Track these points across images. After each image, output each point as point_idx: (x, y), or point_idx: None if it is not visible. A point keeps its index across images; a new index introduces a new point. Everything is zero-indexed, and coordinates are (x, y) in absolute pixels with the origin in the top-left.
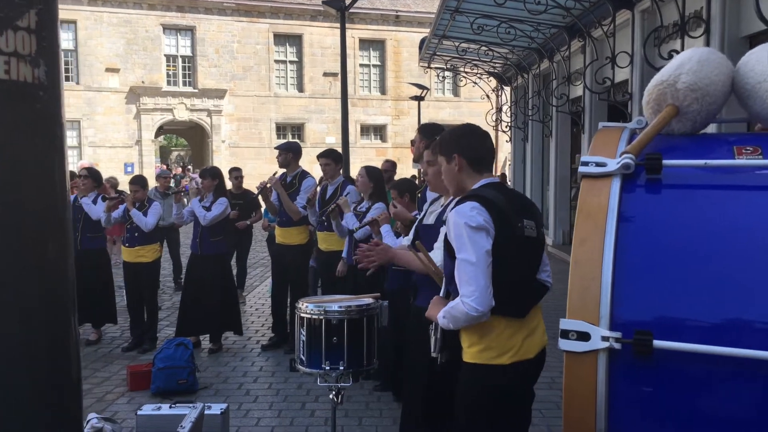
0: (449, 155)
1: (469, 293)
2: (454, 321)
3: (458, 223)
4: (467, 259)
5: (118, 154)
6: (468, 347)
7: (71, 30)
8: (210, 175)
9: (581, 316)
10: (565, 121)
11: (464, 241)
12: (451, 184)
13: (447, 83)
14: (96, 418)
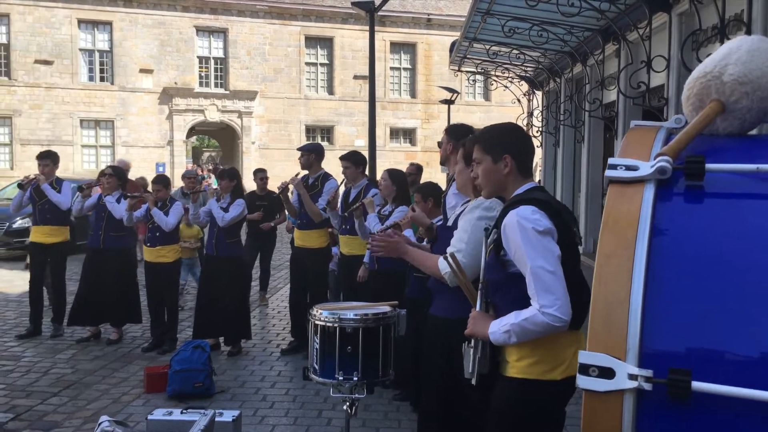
0: (498, 155)
1: (551, 302)
2: (525, 334)
3: (525, 228)
4: (543, 266)
5: (151, 154)
6: (516, 360)
7: (107, 31)
8: (228, 176)
9: (604, 347)
10: (598, 127)
11: (535, 247)
12: (490, 186)
13: (478, 87)
14: (107, 422)
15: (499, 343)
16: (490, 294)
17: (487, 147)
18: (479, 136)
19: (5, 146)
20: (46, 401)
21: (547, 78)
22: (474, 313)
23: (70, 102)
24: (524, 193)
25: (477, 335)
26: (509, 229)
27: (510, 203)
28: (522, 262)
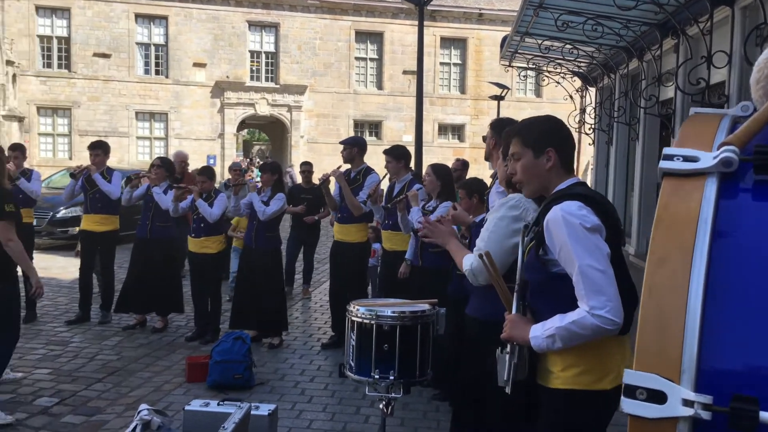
0: (540, 149)
1: (602, 304)
2: (572, 339)
3: (572, 224)
4: (593, 265)
5: (202, 146)
6: (561, 370)
7: (163, 25)
8: (269, 170)
9: (655, 366)
10: (654, 124)
11: (584, 245)
12: (533, 182)
13: (529, 83)
14: (146, 410)
15: (542, 349)
16: (529, 296)
17: (528, 140)
18: (518, 129)
19: (65, 137)
20: (90, 387)
21: (600, 74)
22: (511, 316)
23: (126, 94)
24: (567, 188)
25: (515, 340)
26: (553, 226)
27: (552, 198)
28: (568, 261)
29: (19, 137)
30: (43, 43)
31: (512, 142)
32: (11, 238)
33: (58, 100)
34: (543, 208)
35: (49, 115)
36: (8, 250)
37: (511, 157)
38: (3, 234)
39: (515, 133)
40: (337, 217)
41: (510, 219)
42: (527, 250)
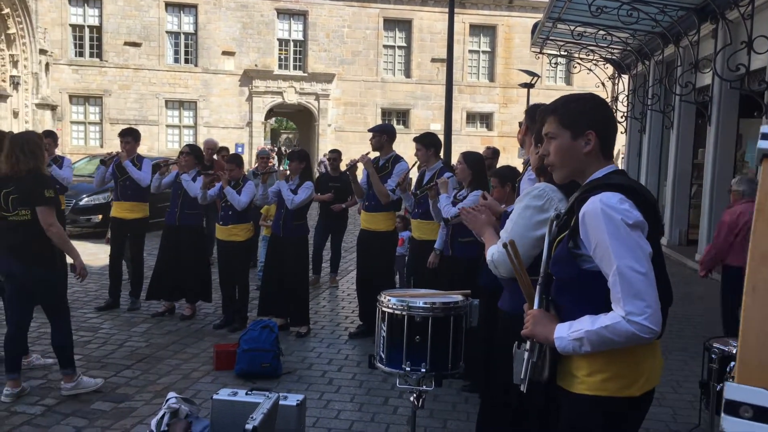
0: (579, 130)
1: (640, 310)
2: (602, 344)
3: (612, 219)
4: (633, 266)
5: (230, 134)
6: (587, 375)
7: (192, 14)
8: (297, 158)
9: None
10: (689, 112)
11: (624, 243)
12: (567, 166)
13: (559, 71)
14: (174, 399)
15: (566, 351)
16: (556, 293)
17: (567, 120)
18: (556, 106)
19: (96, 125)
20: (119, 373)
21: (634, 60)
22: (534, 312)
23: (156, 83)
24: (604, 177)
25: (537, 337)
26: (591, 219)
27: (588, 188)
28: (605, 260)
29: (52, 125)
30: (76, 32)
31: (548, 120)
32: (52, 223)
33: (90, 89)
34: (578, 198)
35: (81, 104)
36: (50, 235)
37: (545, 136)
38: (44, 219)
39: (552, 111)
40: (365, 206)
41: (534, 209)
42: (556, 242)
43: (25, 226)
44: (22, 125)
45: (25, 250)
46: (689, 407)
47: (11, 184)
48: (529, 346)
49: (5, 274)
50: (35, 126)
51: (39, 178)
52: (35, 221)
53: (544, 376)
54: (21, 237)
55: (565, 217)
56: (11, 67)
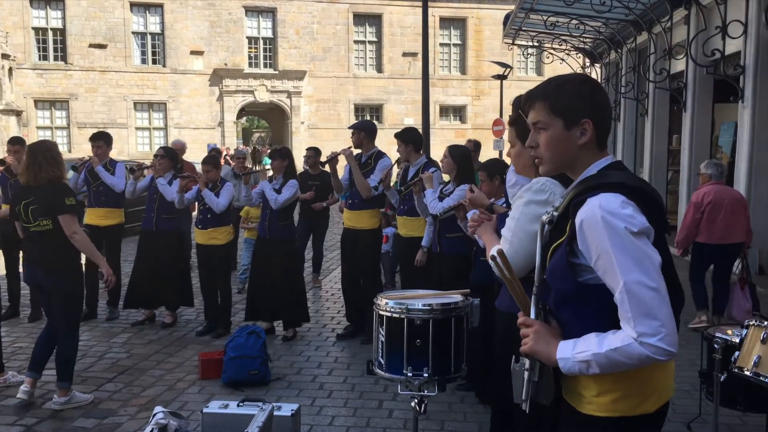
0: (573, 118)
1: (653, 330)
2: (612, 368)
3: (614, 228)
4: (642, 281)
5: (202, 135)
6: (596, 395)
7: (158, 14)
8: (279, 156)
9: None
10: (663, 99)
11: (630, 255)
12: (556, 159)
13: (530, 62)
14: (162, 413)
15: (571, 373)
16: (556, 307)
17: (559, 106)
18: (547, 90)
19: (63, 129)
20: (101, 387)
21: (607, 49)
22: (536, 326)
23: (123, 85)
24: (601, 173)
25: (539, 356)
26: (590, 228)
27: (585, 188)
28: (610, 274)
29: (18, 131)
30: (39, 35)
31: (536, 106)
32: (76, 230)
33: (56, 93)
34: (573, 198)
35: (47, 108)
36: (74, 243)
37: (533, 126)
38: (68, 227)
39: (540, 96)
40: (348, 204)
41: (537, 204)
42: (551, 250)
43: (48, 236)
44: None
45: (49, 259)
46: (687, 396)
47: (30, 195)
48: (529, 365)
49: (35, 285)
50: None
51: (60, 187)
52: (57, 230)
53: (549, 399)
54: (44, 247)
55: (560, 217)
56: None
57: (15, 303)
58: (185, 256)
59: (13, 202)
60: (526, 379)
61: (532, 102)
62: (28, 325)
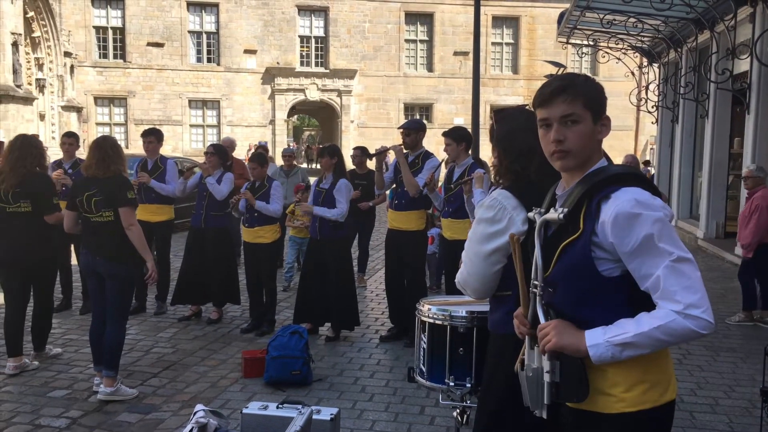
0: (600, 115)
1: (698, 302)
2: (651, 347)
3: (656, 218)
4: (685, 257)
5: (253, 133)
6: (625, 391)
7: (214, 13)
8: (328, 154)
9: None
10: (725, 100)
11: (671, 238)
12: (584, 153)
13: (585, 61)
14: (202, 412)
15: (602, 359)
16: (574, 308)
17: (591, 101)
18: (577, 83)
19: (121, 126)
20: (146, 382)
21: (666, 48)
22: (553, 322)
23: (179, 83)
24: (607, 168)
25: (568, 349)
26: (628, 219)
27: (597, 181)
28: (651, 258)
29: (78, 127)
30: (99, 33)
31: (565, 99)
32: (133, 222)
33: (114, 90)
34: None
35: (105, 105)
36: (130, 235)
37: (560, 119)
38: (127, 219)
39: (575, 90)
40: (394, 204)
41: (486, 222)
42: (560, 249)
43: (109, 226)
44: (49, 128)
45: (109, 248)
46: (746, 414)
47: (94, 187)
48: (549, 367)
49: (89, 273)
50: (61, 128)
51: (123, 181)
52: (118, 221)
53: (582, 395)
54: (105, 236)
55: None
56: (37, 70)
57: (68, 295)
58: (233, 254)
59: (74, 194)
60: (547, 383)
61: (563, 95)
62: (79, 317)
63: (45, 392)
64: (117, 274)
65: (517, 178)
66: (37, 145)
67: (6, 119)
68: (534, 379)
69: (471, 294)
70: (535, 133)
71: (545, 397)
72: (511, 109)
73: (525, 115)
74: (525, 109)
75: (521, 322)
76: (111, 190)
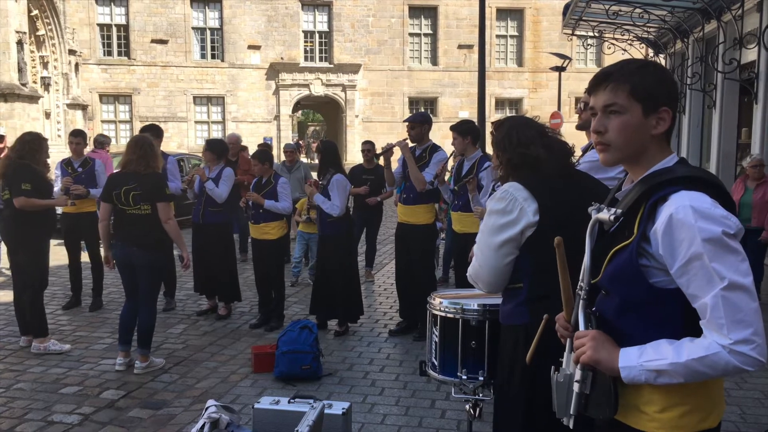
0: (654, 106)
1: (748, 339)
2: (690, 378)
3: (712, 232)
4: (740, 285)
5: (258, 128)
6: (659, 411)
7: (217, 9)
8: (318, 150)
9: None
10: (733, 90)
11: (728, 260)
12: (628, 147)
13: (590, 53)
14: (214, 407)
15: (637, 382)
16: (616, 315)
17: (641, 90)
18: (628, 71)
19: (126, 123)
20: (156, 378)
21: (672, 39)
22: (593, 333)
23: (184, 80)
24: (672, 169)
25: (601, 365)
26: (681, 230)
27: (657, 182)
28: (700, 279)
29: (83, 125)
30: (103, 31)
31: (610, 87)
32: (170, 216)
33: (119, 87)
34: (649, 196)
35: (110, 102)
36: (167, 228)
37: (603, 108)
38: (165, 213)
39: (620, 77)
40: (402, 198)
41: (497, 214)
42: (611, 253)
43: (146, 219)
44: (54, 126)
45: (147, 239)
46: (758, 405)
47: (133, 182)
48: (580, 376)
49: (124, 262)
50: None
51: (161, 177)
52: (154, 214)
53: (609, 413)
54: (142, 228)
55: (621, 218)
56: (42, 69)
57: (77, 293)
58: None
59: (111, 187)
60: (577, 392)
61: (606, 83)
62: (88, 314)
63: (57, 389)
64: (150, 262)
65: (518, 168)
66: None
67: (12, 118)
68: (564, 385)
69: (483, 287)
70: (535, 129)
71: (572, 407)
72: (510, 117)
73: (524, 118)
74: (524, 116)
75: (563, 325)
76: (150, 185)
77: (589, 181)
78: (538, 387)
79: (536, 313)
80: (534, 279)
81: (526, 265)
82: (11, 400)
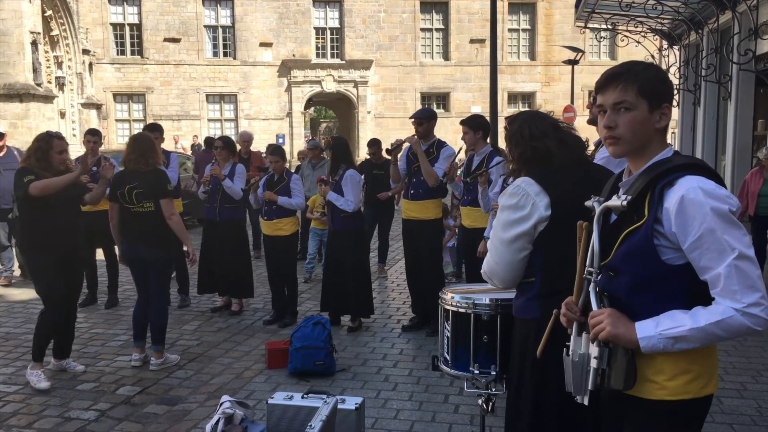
0: (657, 103)
1: (757, 300)
2: (706, 341)
3: (720, 210)
4: (745, 254)
5: (271, 126)
6: (668, 379)
7: (229, 7)
8: (329, 147)
9: None
10: (748, 81)
11: (734, 233)
12: (636, 141)
13: (603, 45)
14: (229, 402)
15: (655, 350)
16: (628, 292)
17: (648, 89)
18: (635, 71)
19: (140, 122)
20: (172, 374)
21: (686, 30)
22: (608, 310)
23: (196, 78)
24: (672, 158)
25: (619, 339)
26: (693, 208)
27: (664, 170)
28: (712, 252)
29: (98, 124)
30: (116, 30)
31: (619, 87)
32: (174, 212)
33: (133, 86)
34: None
35: (124, 101)
36: (171, 224)
37: (613, 106)
38: (168, 210)
39: (629, 77)
40: (409, 194)
41: (509, 209)
42: (622, 236)
43: (150, 216)
44: (69, 125)
45: (151, 236)
46: None
47: (135, 180)
48: (598, 353)
49: (132, 259)
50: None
51: (163, 174)
52: (158, 212)
53: (629, 383)
54: (146, 225)
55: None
56: (56, 69)
57: (93, 290)
58: (246, 247)
59: (115, 187)
60: (594, 369)
61: (616, 82)
62: (104, 311)
63: (73, 385)
64: (156, 259)
65: (530, 162)
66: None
67: (27, 118)
68: (579, 364)
69: (498, 283)
70: (548, 122)
71: (590, 383)
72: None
73: (538, 113)
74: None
75: (570, 309)
76: (151, 183)
77: (605, 174)
78: (548, 380)
79: (546, 309)
80: (546, 274)
81: (539, 260)
82: (29, 397)
